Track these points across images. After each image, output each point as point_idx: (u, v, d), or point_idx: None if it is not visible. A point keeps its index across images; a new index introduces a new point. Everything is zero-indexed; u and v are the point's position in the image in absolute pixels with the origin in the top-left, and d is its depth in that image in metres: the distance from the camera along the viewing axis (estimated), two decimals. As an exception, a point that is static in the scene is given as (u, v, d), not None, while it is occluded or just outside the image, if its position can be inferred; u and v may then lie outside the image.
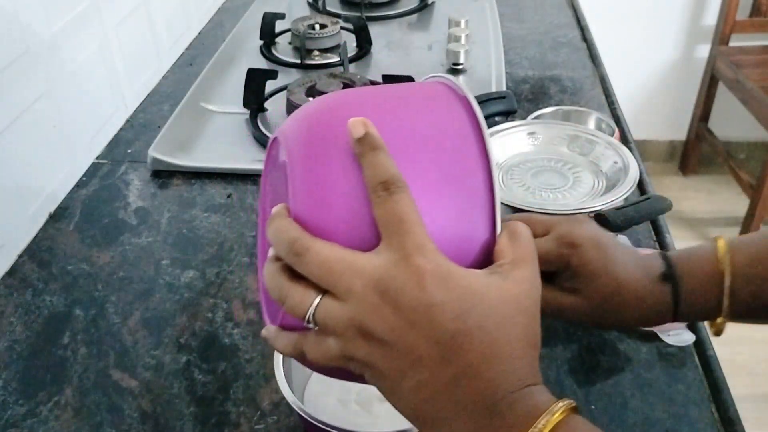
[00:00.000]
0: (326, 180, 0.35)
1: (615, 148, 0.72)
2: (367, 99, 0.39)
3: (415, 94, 0.40)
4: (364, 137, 0.34)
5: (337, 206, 0.35)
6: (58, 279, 0.72)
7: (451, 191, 0.35)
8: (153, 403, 0.58)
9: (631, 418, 0.56)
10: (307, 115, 0.39)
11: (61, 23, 0.83)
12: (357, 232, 0.35)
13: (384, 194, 0.33)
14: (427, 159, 0.36)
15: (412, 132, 0.37)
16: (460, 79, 1.07)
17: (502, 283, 0.34)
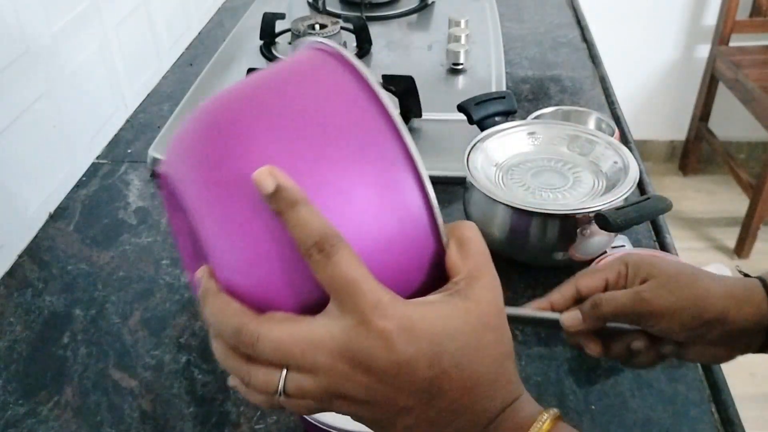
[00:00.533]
0: (247, 239, 0.31)
1: (615, 148, 0.72)
2: (259, 108, 0.33)
3: (310, 85, 0.34)
4: (276, 193, 0.30)
5: (269, 270, 0.31)
6: (58, 279, 0.72)
7: (385, 211, 0.32)
8: (153, 403, 0.58)
9: (631, 418, 0.56)
10: (194, 142, 0.33)
11: (61, 23, 0.83)
12: (298, 293, 0.32)
13: (320, 257, 0.30)
14: (352, 184, 0.31)
15: (320, 143, 0.32)
16: (459, 79, 1.07)
17: (464, 305, 0.33)
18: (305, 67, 0.35)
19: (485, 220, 0.70)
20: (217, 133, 0.32)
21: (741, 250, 2.09)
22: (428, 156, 0.88)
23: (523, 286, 0.68)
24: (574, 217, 0.65)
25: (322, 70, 0.34)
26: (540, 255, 0.69)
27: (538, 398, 0.57)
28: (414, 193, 0.32)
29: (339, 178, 0.31)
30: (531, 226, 0.67)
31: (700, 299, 0.48)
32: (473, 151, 0.73)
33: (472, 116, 0.79)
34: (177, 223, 0.37)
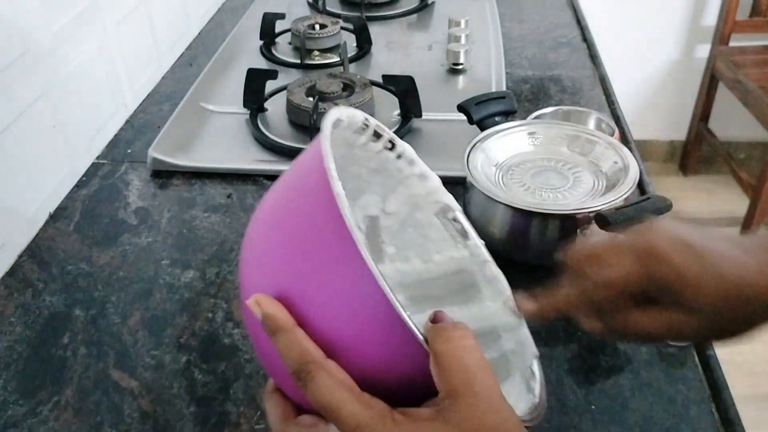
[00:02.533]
0: (263, 355, 0.38)
1: (615, 148, 0.72)
2: (261, 230, 0.38)
3: (298, 198, 0.37)
4: (264, 320, 0.34)
5: (286, 380, 0.36)
6: (58, 279, 0.72)
7: (367, 327, 0.33)
8: (153, 403, 0.58)
9: (631, 418, 0.56)
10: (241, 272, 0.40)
11: (61, 23, 0.83)
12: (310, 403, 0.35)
13: (301, 382, 0.33)
14: (334, 303, 0.34)
15: (303, 267, 0.35)
16: (459, 79, 1.07)
17: (445, 428, 0.32)
18: (300, 176, 0.38)
19: (485, 220, 0.70)
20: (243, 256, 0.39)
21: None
22: (428, 156, 0.88)
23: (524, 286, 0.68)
24: (574, 217, 0.65)
25: (310, 191, 0.36)
26: (540, 255, 0.69)
27: (538, 398, 0.57)
28: (383, 312, 0.32)
29: (316, 288, 0.34)
30: (531, 226, 0.67)
31: (749, 331, 0.44)
32: (473, 151, 0.73)
33: (472, 116, 0.79)
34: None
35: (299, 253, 0.35)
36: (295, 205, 0.37)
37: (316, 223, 0.34)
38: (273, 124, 0.95)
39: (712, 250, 0.42)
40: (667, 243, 0.42)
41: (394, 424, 0.32)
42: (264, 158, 0.89)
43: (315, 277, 0.34)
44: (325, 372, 0.33)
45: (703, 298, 0.41)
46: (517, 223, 0.68)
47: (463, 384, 0.32)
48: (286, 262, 0.35)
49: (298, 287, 0.35)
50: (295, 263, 0.35)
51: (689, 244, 0.42)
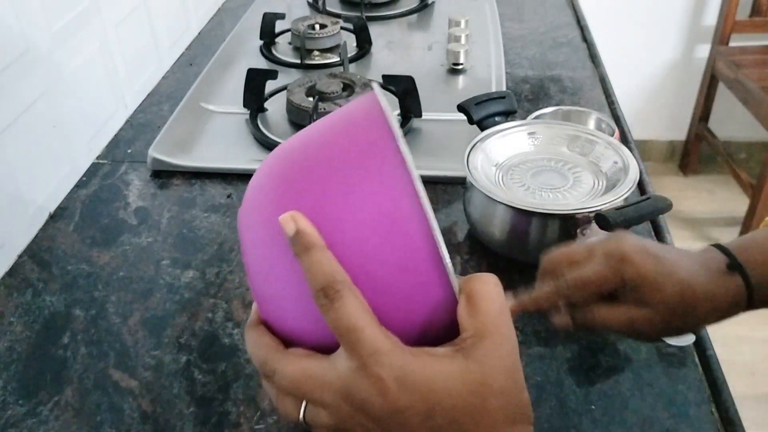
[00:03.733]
0: (276, 279, 0.35)
1: (615, 148, 0.72)
2: (302, 162, 0.36)
3: (347, 137, 0.37)
4: (296, 236, 0.33)
5: (292, 307, 0.35)
6: (58, 279, 0.72)
7: (397, 260, 0.33)
8: (153, 404, 0.58)
9: (631, 418, 0.56)
10: (252, 193, 0.38)
11: (61, 23, 0.83)
12: (317, 332, 0.34)
13: (326, 302, 0.32)
14: (367, 230, 0.33)
15: (343, 187, 0.34)
16: (459, 79, 1.07)
17: (465, 365, 0.33)
18: (350, 118, 0.38)
19: (485, 220, 0.70)
20: (264, 181, 0.37)
21: (741, 250, 2.09)
22: (428, 156, 0.88)
23: (524, 286, 0.68)
24: (574, 217, 0.65)
25: (362, 122, 0.36)
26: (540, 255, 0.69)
27: (537, 398, 0.57)
28: (425, 247, 0.33)
29: (356, 223, 0.34)
30: (531, 226, 0.67)
31: (695, 328, 0.52)
32: (473, 151, 0.73)
33: (472, 116, 0.79)
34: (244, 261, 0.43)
35: (339, 174, 0.34)
36: (339, 127, 0.36)
37: (362, 143, 0.34)
38: (273, 124, 0.95)
39: (669, 257, 0.50)
40: (633, 249, 0.50)
41: (412, 356, 0.32)
42: (264, 158, 0.88)
43: (353, 199, 0.33)
44: (353, 293, 0.32)
45: (660, 296, 0.49)
46: (517, 223, 0.68)
47: (493, 324, 0.33)
48: (322, 183, 0.34)
49: (332, 210, 0.34)
50: (332, 185, 0.34)
51: (651, 252, 0.50)
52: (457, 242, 0.75)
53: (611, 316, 0.51)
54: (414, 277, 0.33)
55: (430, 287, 0.33)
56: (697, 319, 0.51)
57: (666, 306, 0.49)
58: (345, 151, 0.35)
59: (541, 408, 0.56)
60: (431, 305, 0.34)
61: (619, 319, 0.51)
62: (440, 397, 0.32)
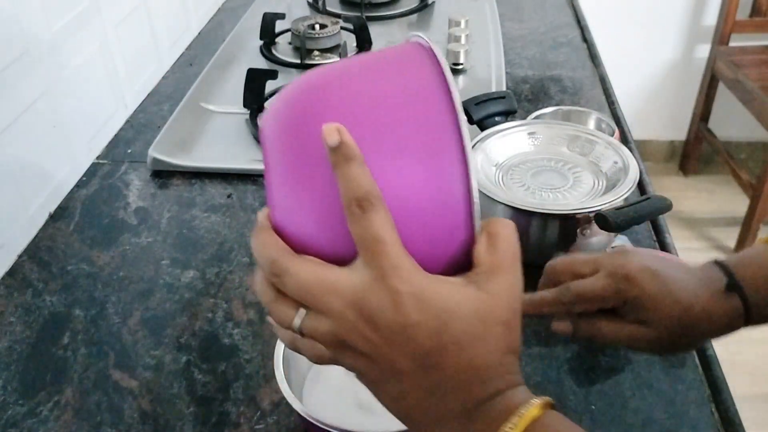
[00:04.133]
0: (303, 188, 0.35)
1: (615, 148, 0.72)
2: (342, 80, 0.37)
3: (395, 72, 0.38)
4: (338, 147, 0.33)
5: (314, 217, 0.35)
6: (58, 279, 0.72)
7: (429, 192, 0.34)
8: (153, 403, 0.58)
9: (631, 418, 0.56)
10: (283, 104, 0.37)
11: (61, 23, 0.83)
12: (336, 243, 0.34)
13: (358, 212, 0.33)
14: (403, 148, 0.35)
15: (386, 115, 0.35)
16: (459, 79, 1.07)
17: (478, 294, 0.34)
18: (397, 56, 0.38)
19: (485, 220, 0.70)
20: (301, 93, 0.37)
21: (741, 249, 2.08)
22: (428, 156, 0.88)
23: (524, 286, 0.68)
24: (574, 217, 0.65)
25: (410, 61, 0.37)
26: (540, 255, 0.69)
27: (538, 398, 0.57)
28: (459, 182, 0.34)
29: (395, 153, 0.34)
30: (531, 226, 0.67)
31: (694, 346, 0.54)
32: (473, 151, 0.73)
33: (472, 116, 0.79)
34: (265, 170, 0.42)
35: (384, 106, 0.35)
36: (385, 62, 0.37)
37: (411, 80, 0.36)
38: (273, 124, 0.95)
39: (673, 278, 0.51)
40: (637, 269, 0.51)
41: (429, 279, 0.34)
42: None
43: (397, 133, 0.34)
44: (384, 209, 0.33)
45: (659, 316, 0.51)
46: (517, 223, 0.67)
47: (508, 264, 0.35)
48: (367, 110, 0.35)
49: (376, 133, 0.34)
50: (378, 115, 0.35)
51: (655, 272, 0.51)
52: (457, 242, 0.75)
53: (611, 331, 0.53)
54: (444, 213, 0.34)
55: (457, 224, 0.35)
56: (695, 338, 0.53)
57: (665, 326, 0.51)
58: (393, 84, 0.36)
59: (541, 408, 0.56)
60: (455, 241, 0.35)
61: (618, 334, 0.52)
62: (450, 317, 0.33)
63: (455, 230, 0.35)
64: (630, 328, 0.52)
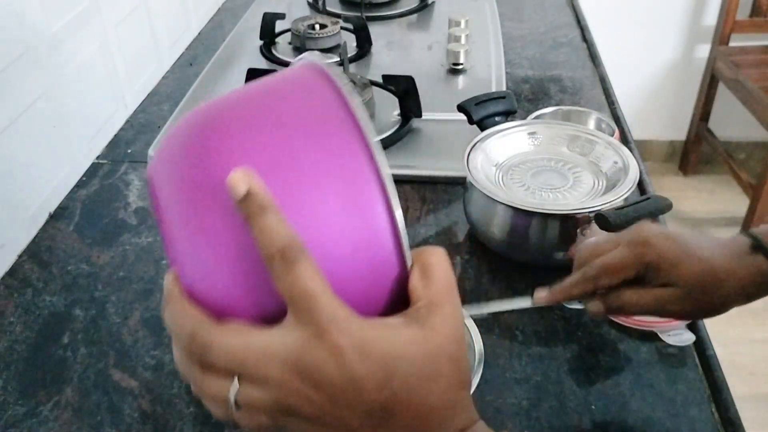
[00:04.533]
0: (212, 243, 0.31)
1: (615, 148, 0.72)
2: (239, 118, 0.33)
3: (294, 101, 0.34)
4: (247, 197, 0.30)
5: (231, 275, 0.31)
6: (58, 279, 0.72)
7: (352, 230, 0.32)
8: (153, 403, 0.58)
9: (631, 418, 0.56)
10: (176, 146, 0.33)
11: (62, 23, 0.83)
12: (260, 302, 0.31)
13: (281, 266, 0.30)
14: (316, 186, 0.31)
15: (293, 152, 0.32)
16: (459, 79, 1.07)
17: (422, 333, 0.32)
18: (293, 83, 0.35)
19: (485, 220, 0.70)
20: (195, 136, 0.33)
21: (741, 250, 2.08)
22: (428, 156, 0.88)
23: (524, 286, 0.68)
24: (574, 217, 0.65)
25: (309, 88, 0.34)
26: (540, 255, 0.69)
27: (537, 398, 0.57)
28: (382, 215, 0.32)
29: (309, 192, 0.31)
30: (531, 226, 0.67)
31: (724, 307, 0.53)
32: (473, 151, 0.73)
33: (472, 116, 0.79)
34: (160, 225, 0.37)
35: (288, 137, 0.32)
36: (283, 90, 0.34)
37: (316, 109, 0.33)
38: (273, 124, 0.95)
39: (690, 240, 0.54)
40: (653, 234, 0.54)
41: (369, 325, 0.31)
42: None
43: (307, 162, 0.31)
44: (309, 258, 0.30)
45: (680, 273, 0.52)
46: (517, 223, 0.68)
47: (446, 293, 0.34)
48: (268, 145, 0.31)
49: (285, 173, 0.31)
50: (280, 148, 0.31)
51: (672, 236, 0.54)
52: (457, 242, 0.75)
53: (639, 298, 0.54)
54: (371, 250, 0.32)
55: (386, 260, 0.33)
56: (724, 298, 0.53)
57: (688, 283, 0.52)
58: (296, 116, 0.33)
59: (541, 408, 0.57)
60: (387, 279, 0.33)
61: (647, 300, 0.54)
62: (398, 364, 0.31)
63: (386, 267, 0.33)
64: (655, 291, 0.53)
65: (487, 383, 0.59)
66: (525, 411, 0.56)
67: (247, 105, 0.34)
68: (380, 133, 0.91)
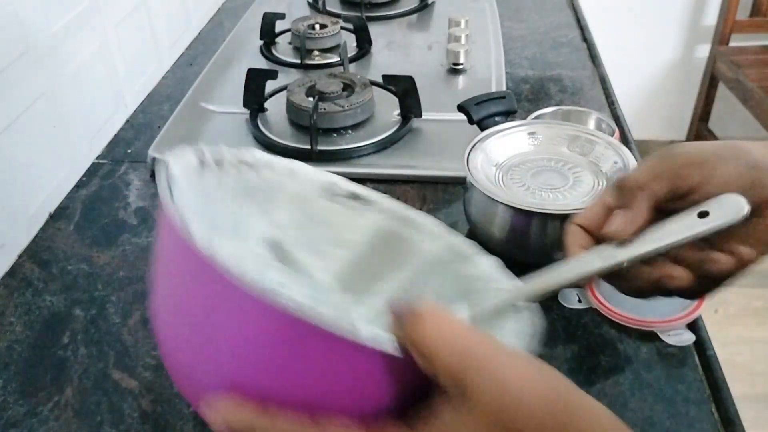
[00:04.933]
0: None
1: (615, 148, 0.73)
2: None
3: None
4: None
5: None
6: (58, 279, 0.72)
7: (285, 354, 0.30)
8: (153, 403, 0.58)
9: (631, 418, 0.56)
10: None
11: (61, 23, 0.83)
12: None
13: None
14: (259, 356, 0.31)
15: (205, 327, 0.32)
16: (459, 79, 1.07)
17: (477, 423, 0.28)
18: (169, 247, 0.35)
19: (485, 220, 0.70)
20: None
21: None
22: (428, 156, 0.89)
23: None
24: (574, 217, 0.65)
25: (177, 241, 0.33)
26: (540, 255, 0.69)
27: (538, 398, 0.57)
28: (299, 328, 0.29)
29: (256, 357, 0.31)
30: (531, 226, 0.67)
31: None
32: (473, 151, 0.73)
33: (472, 116, 0.79)
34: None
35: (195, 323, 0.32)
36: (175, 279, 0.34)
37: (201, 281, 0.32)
38: (273, 124, 0.95)
39: (731, 143, 0.43)
40: (682, 146, 0.43)
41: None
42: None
43: (240, 341, 0.30)
44: (325, 427, 0.29)
45: (724, 173, 0.41)
46: (517, 223, 0.68)
47: (465, 363, 0.27)
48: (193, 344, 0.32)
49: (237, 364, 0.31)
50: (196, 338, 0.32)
51: (701, 144, 0.43)
52: (457, 242, 0.75)
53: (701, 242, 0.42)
54: (347, 363, 0.30)
55: (364, 360, 0.29)
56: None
57: (734, 185, 0.41)
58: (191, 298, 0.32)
59: (541, 408, 0.57)
60: (379, 379, 0.30)
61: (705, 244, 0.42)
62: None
63: (372, 367, 0.30)
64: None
65: (487, 383, 0.59)
66: (525, 411, 0.56)
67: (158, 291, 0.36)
68: (380, 133, 0.91)
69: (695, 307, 0.63)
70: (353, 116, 0.92)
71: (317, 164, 0.86)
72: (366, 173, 0.85)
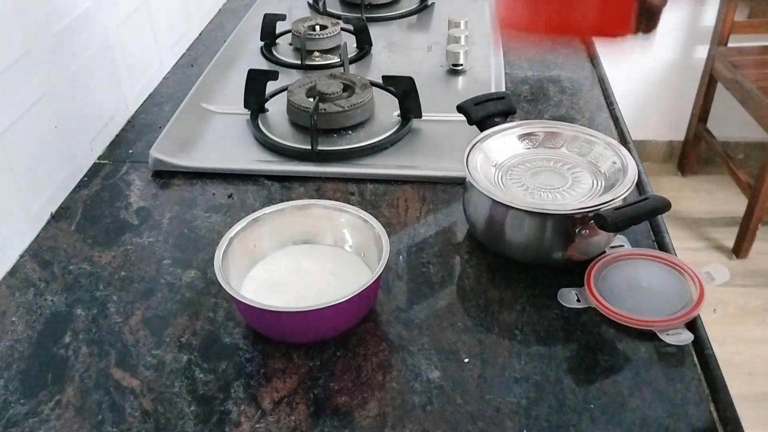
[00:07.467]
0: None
1: (614, 148, 0.73)
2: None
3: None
4: None
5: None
6: (59, 279, 0.72)
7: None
8: (154, 403, 0.58)
9: (630, 418, 0.56)
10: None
11: (63, 24, 0.84)
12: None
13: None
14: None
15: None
16: (459, 79, 1.08)
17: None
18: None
19: (485, 220, 0.71)
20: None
21: (739, 250, 2.09)
22: (428, 156, 0.89)
23: (523, 285, 0.69)
24: (573, 217, 0.66)
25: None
26: (539, 255, 0.69)
27: (536, 397, 0.58)
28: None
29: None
30: (530, 226, 0.67)
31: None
32: (473, 151, 0.73)
33: (471, 117, 0.79)
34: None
35: None
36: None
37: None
38: (274, 125, 0.95)
39: None
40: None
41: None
42: (265, 158, 0.89)
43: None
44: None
45: None
46: (515, 223, 0.68)
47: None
48: None
49: None
50: None
51: None
52: (456, 242, 0.75)
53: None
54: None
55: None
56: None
57: None
58: None
59: (540, 407, 0.57)
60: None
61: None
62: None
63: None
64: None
65: (486, 382, 0.59)
66: (524, 410, 0.57)
67: None
68: (380, 134, 0.91)
69: (694, 307, 0.63)
70: (353, 117, 0.92)
71: (317, 164, 0.87)
72: (366, 173, 0.86)
